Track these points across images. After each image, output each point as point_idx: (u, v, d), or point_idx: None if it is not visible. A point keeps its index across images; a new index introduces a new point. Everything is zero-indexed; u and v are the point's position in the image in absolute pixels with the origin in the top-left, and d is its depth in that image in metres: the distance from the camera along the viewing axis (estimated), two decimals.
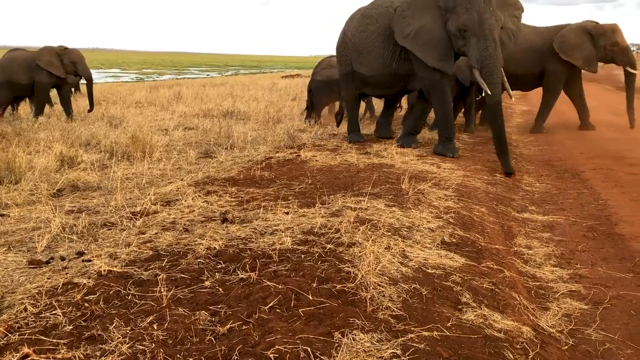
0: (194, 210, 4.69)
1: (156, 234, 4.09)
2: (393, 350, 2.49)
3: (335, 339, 2.55)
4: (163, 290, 3.02)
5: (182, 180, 6.00)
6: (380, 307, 2.91)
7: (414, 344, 2.56)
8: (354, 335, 2.59)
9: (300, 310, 2.82)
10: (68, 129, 9.76)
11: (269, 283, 3.10)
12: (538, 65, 10.36)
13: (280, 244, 3.75)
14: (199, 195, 5.16)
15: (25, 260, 3.61)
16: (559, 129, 10.97)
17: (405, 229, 4.23)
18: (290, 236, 3.91)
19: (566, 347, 2.98)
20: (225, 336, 2.60)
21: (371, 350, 2.49)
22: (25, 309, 2.86)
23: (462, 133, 10.07)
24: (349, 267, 3.36)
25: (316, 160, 7.04)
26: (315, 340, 2.52)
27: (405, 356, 2.46)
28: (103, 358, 2.42)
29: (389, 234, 4.04)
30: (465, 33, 7.05)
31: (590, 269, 4.07)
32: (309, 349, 2.44)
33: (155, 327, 2.67)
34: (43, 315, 2.81)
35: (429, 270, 3.48)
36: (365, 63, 8.28)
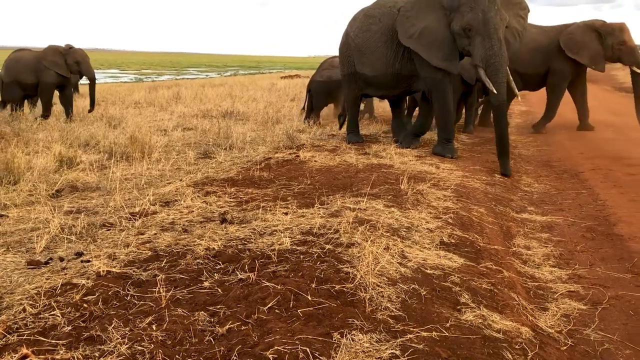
0: (193, 211, 4.69)
1: (155, 234, 4.09)
2: (392, 351, 2.49)
3: (334, 340, 2.55)
4: (162, 290, 3.02)
5: (181, 180, 5.99)
6: (379, 308, 2.91)
7: (413, 345, 2.56)
8: (353, 336, 2.59)
9: (299, 310, 2.82)
10: (67, 129, 9.74)
11: (268, 283, 3.10)
12: (544, 64, 10.32)
13: (279, 245, 3.75)
14: (198, 196, 5.16)
15: (24, 261, 3.61)
16: (558, 129, 10.98)
17: (404, 230, 4.23)
18: (289, 237, 3.91)
19: (565, 348, 2.98)
20: (224, 337, 2.60)
21: (370, 350, 2.49)
22: (24, 310, 2.86)
23: (461, 134, 10.07)
24: (347, 268, 3.36)
25: (315, 161, 7.04)
26: (314, 341, 2.53)
27: (404, 356, 2.46)
28: (102, 359, 2.42)
29: (388, 234, 4.04)
30: (470, 32, 7.04)
31: (589, 269, 4.08)
32: (308, 350, 2.44)
33: (154, 328, 2.67)
34: (42, 315, 2.81)
35: (428, 271, 3.48)
36: (368, 63, 8.27)
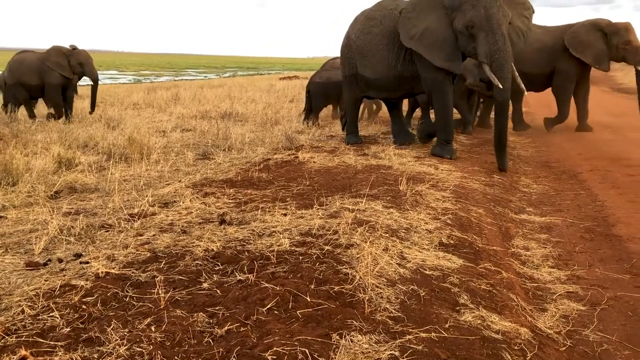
0: (192, 212, 4.69)
1: (154, 235, 4.08)
2: (391, 352, 2.49)
3: (333, 341, 2.55)
4: (161, 292, 3.02)
5: (180, 181, 5.99)
6: (378, 309, 2.91)
7: (412, 346, 2.56)
8: (352, 337, 2.59)
9: (298, 311, 2.82)
10: (65, 130, 9.75)
11: (266, 285, 3.10)
12: (549, 64, 10.31)
13: (278, 246, 3.75)
14: (197, 197, 5.16)
15: (22, 262, 3.61)
16: (557, 130, 10.99)
17: (403, 231, 4.23)
18: (288, 238, 3.91)
19: (564, 348, 2.98)
20: (223, 338, 2.60)
21: (369, 351, 2.49)
22: (23, 311, 2.86)
23: (460, 134, 10.08)
24: (346, 269, 3.36)
25: (314, 162, 7.04)
26: (313, 342, 2.52)
27: (403, 357, 2.46)
28: None
29: (387, 235, 4.04)
30: (473, 29, 7.04)
31: (588, 270, 4.08)
32: (307, 351, 2.44)
33: (153, 329, 2.67)
34: (40, 317, 2.81)
35: (427, 272, 3.48)
36: (369, 66, 8.29)
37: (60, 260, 3.63)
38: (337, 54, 9.49)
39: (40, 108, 13.68)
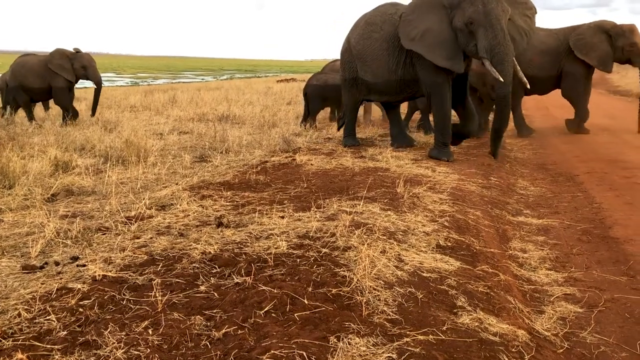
0: (189, 215, 4.68)
1: (151, 238, 4.08)
2: (389, 355, 2.49)
3: (331, 344, 2.55)
4: (158, 295, 3.01)
5: (177, 184, 5.98)
6: (376, 311, 2.91)
7: (410, 348, 2.56)
8: (350, 340, 2.58)
9: (295, 314, 2.81)
10: (62, 133, 9.73)
11: (264, 287, 3.09)
12: (555, 67, 10.29)
13: (276, 248, 3.74)
14: (194, 200, 5.15)
15: (19, 266, 3.59)
16: (554, 132, 11.02)
17: (401, 233, 4.23)
18: (285, 240, 3.90)
19: (561, 351, 2.98)
20: (221, 341, 2.60)
21: (367, 354, 2.49)
22: (19, 315, 2.85)
23: None
24: (344, 271, 3.36)
25: (311, 164, 7.04)
26: (311, 345, 2.52)
27: None
28: None
29: (385, 237, 4.04)
30: (472, 26, 7.05)
31: (585, 272, 4.09)
32: (304, 354, 2.43)
33: (150, 332, 2.66)
34: (37, 320, 2.80)
35: (424, 274, 3.48)
36: (370, 70, 8.32)
37: (57, 264, 3.61)
38: (335, 56, 9.58)
39: (38, 111, 13.66)
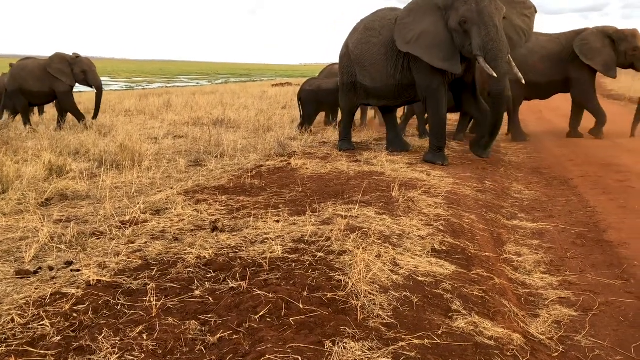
0: (184, 219, 4.67)
1: (146, 243, 4.06)
2: (384, 359, 2.49)
3: (326, 348, 2.54)
4: (152, 299, 3.00)
5: (172, 188, 5.97)
6: (371, 316, 2.91)
7: (405, 352, 2.56)
8: (345, 344, 2.58)
9: (291, 319, 2.81)
10: (57, 137, 9.69)
11: (259, 292, 3.09)
12: (558, 72, 10.27)
13: (271, 253, 3.74)
14: (189, 204, 5.14)
15: (12, 271, 3.57)
16: (548, 136, 11.06)
17: (396, 237, 4.23)
18: (280, 244, 3.90)
19: (556, 354, 2.99)
20: (216, 346, 2.59)
21: (362, 358, 2.48)
22: (13, 320, 2.83)
23: (452, 141, 10.12)
24: (339, 276, 3.35)
25: (307, 168, 7.04)
26: (306, 349, 2.52)
27: None
28: None
29: (380, 241, 4.04)
30: (466, 25, 7.08)
31: (580, 275, 4.10)
32: (299, 358, 2.43)
33: (145, 337, 2.65)
34: (30, 326, 2.78)
35: (420, 278, 3.48)
36: (368, 75, 8.35)
37: (50, 268, 3.60)
38: (329, 60, 9.59)
39: (35, 116, 13.62)
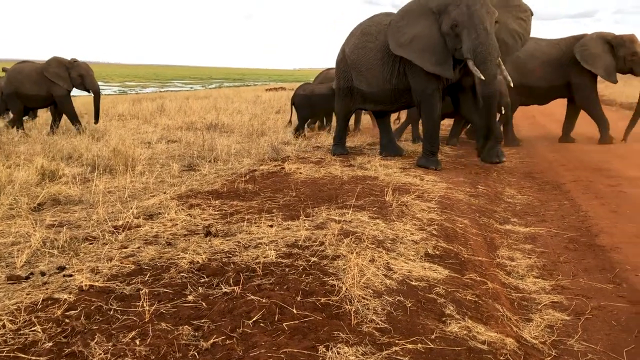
0: (177, 224, 4.66)
1: (138, 248, 4.05)
2: None
3: (320, 353, 2.54)
4: (145, 305, 2.99)
5: (165, 193, 5.95)
6: (365, 320, 2.91)
7: (398, 357, 2.56)
8: (339, 349, 2.58)
9: (284, 324, 2.80)
10: (49, 142, 9.65)
11: (252, 297, 3.08)
12: (559, 77, 10.31)
13: (264, 258, 3.73)
14: (182, 209, 5.13)
15: (4, 276, 3.55)
16: (540, 141, 11.12)
17: (389, 241, 4.24)
18: (274, 249, 3.90)
19: (549, 358, 2.99)
20: (209, 351, 2.58)
21: None
22: (4, 326, 2.81)
23: (445, 146, 10.16)
24: (333, 280, 3.35)
25: (300, 173, 7.05)
26: (300, 354, 2.51)
27: None
28: None
29: (373, 246, 4.04)
30: (457, 28, 7.11)
31: (572, 280, 4.12)
32: None
33: (138, 343, 2.63)
34: (22, 331, 2.76)
35: (413, 283, 3.49)
36: (365, 80, 8.36)
37: (42, 274, 3.57)
38: (324, 66, 9.60)
39: (28, 121, 13.54)
